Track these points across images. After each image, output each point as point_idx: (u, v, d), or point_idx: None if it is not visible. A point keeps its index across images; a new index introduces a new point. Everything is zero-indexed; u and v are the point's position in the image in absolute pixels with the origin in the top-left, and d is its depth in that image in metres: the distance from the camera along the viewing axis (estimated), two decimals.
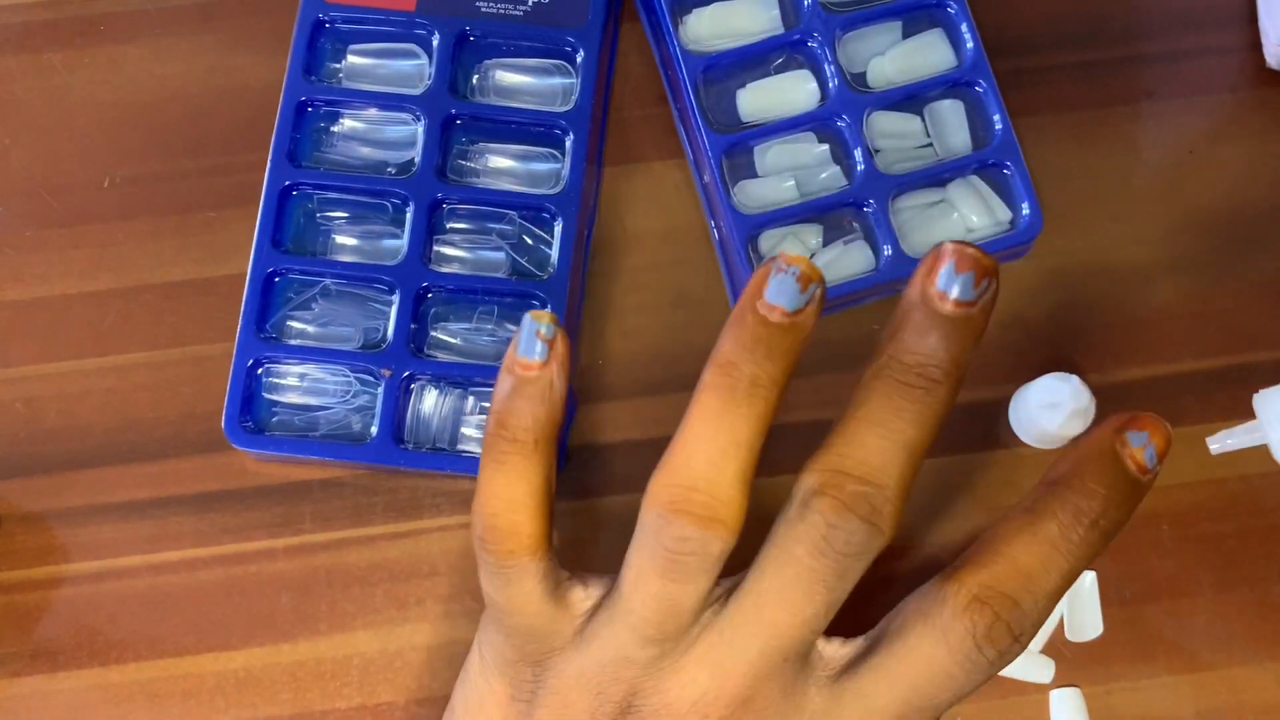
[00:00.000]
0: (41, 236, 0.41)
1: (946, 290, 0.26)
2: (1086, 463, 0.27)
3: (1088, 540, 0.27)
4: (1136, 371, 0.39)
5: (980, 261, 0.26)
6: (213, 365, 0.39)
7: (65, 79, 0.42)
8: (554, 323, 0.29)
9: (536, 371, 0.29)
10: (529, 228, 0.39)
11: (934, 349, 0.27)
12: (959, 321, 0.27)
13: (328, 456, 0.37)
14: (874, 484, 0.26)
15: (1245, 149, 0.41)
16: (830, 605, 0.27)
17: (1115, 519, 0.27)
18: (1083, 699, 0.36)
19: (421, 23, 0.40)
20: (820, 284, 0.28)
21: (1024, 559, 0.26)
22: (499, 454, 0.29)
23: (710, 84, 0.40)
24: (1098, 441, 0.27)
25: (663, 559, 0.27)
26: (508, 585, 0.29)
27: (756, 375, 0.27)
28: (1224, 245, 0.40)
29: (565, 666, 0.29)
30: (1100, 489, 0.27)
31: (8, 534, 0.38)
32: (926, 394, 0.27)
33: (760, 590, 0.27)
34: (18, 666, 0.37)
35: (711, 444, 0.27)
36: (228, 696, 0.37)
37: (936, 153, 0.39)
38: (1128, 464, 0.27)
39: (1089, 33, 0.42)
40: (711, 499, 0.27)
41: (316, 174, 0.39)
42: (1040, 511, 0.27)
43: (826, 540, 0.26)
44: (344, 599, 0.37)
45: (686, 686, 0.27)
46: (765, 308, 0.27)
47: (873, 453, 0.27)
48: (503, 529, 0.29)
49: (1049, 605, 0.27)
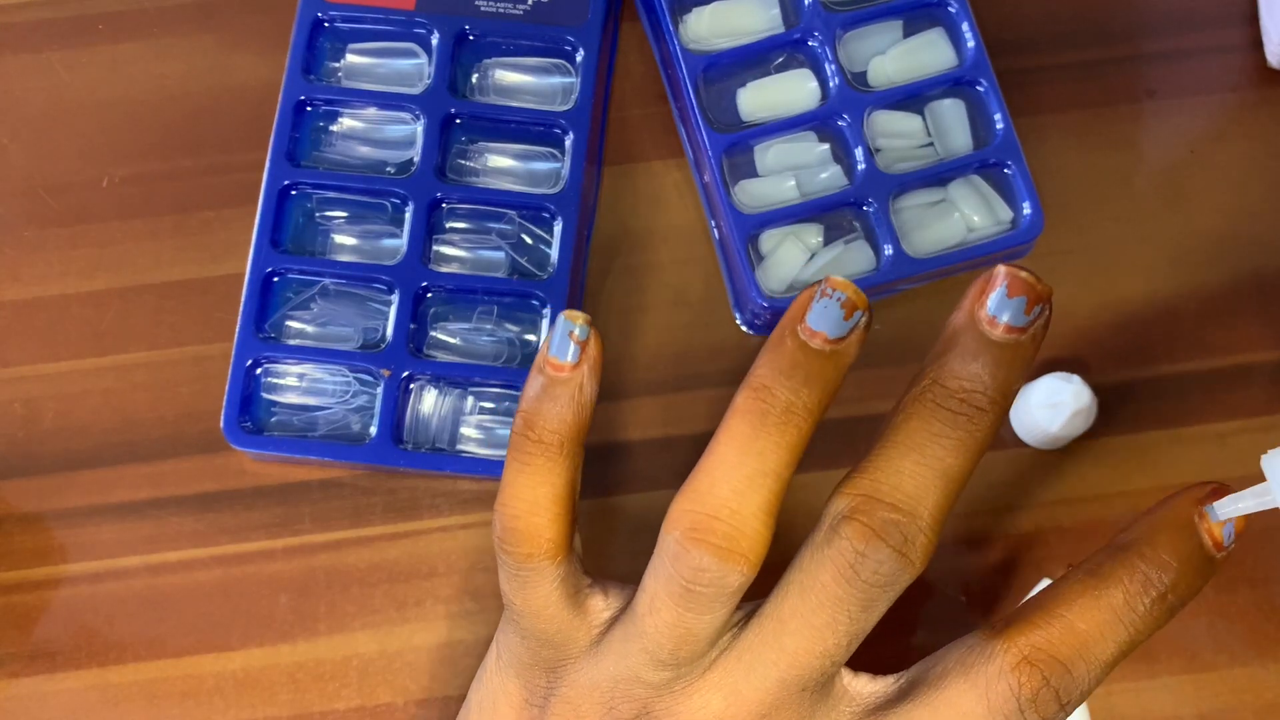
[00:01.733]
0: (40, 236, 0.40)
1: (997, 315, 0.25)
2: (1161, 532, 0.25)
3: (1152, 614, 0.25)
4: (1138, 372, 0.39)
5: (1034, 287, 0.25)
6: (211, 365, 0.39)
7: (64, 78, 0.42)
8: (588, 324, 0.28)
9: (567, 373, 0.28)
10: (529, 227, 0.39)
11: (980, 375, 0.25)
12: (1008, 348, 0.25)
13: (327, 457, 0.37)
14: (907, 512, 0.25)
15: (1246, 148, 0.41)
16: (853, 637, 0.26)
17: (1184, 595, 0.25)
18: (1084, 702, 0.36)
19: (421, 22, 0.40)
20: (867, 312, 0.27)
21: (1082, 625, 0.25)
22: (524, 455, 0.28)
23: (710, 83, 0.40)
24: (1175, 511, 0.26)
25: (679, 588, 0.26)
26: (525, 588, 0.29)
27: (791, 402, 0.26)
28: (1225, 245, 0.40)
29: (579, 676, 0.28)
30: (1174, 561, 0.25)
31: (6, 534, 0.38)
32: (970, 421, 0.25)
33: (781, 616, 0.26)
34: (16, 667, 0.37)
35: (738, 471, 0.26)
36: (226, 697, 0.37)
37: (937, 152, 0.39)
38: (1205, 539, 0.25)
39: (1090, 32, 0.42)
40: (733, 530, 0.26)
41: (315, 173, 0.39)
42: (1106, 577, 0.25)
43: (854, 568, 0.25)
44: (343, 600, 0.37)
45: (699, 711, 0.27)
46: (806, 333, 0.26)
47: (908, 479, 0.25)
48: (523, 531, 0.28)
49: (1101, 676, 0.25)
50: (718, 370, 0.39)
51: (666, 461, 0.38)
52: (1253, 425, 0.38)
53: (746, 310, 0.39)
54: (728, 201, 0.38)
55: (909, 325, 0.39)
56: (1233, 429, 0.38)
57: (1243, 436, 0.38)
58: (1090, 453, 0.38)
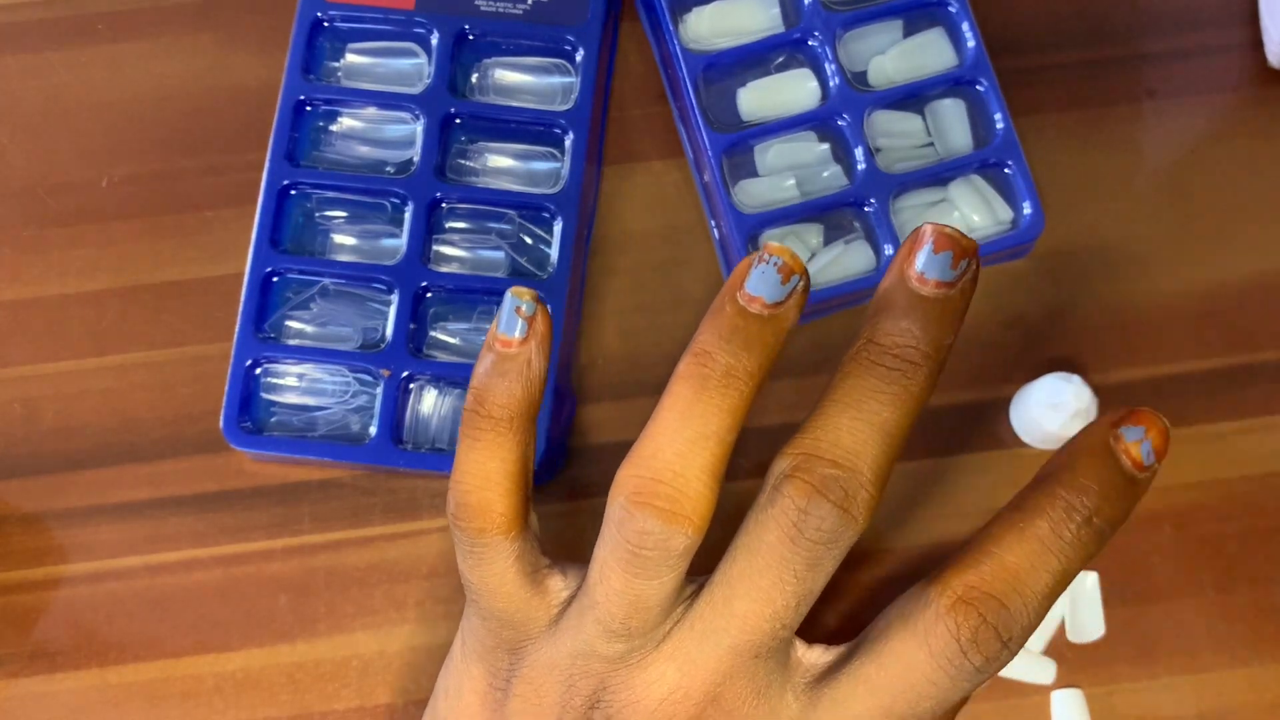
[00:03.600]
0: (39, 236, 0.40)
1: (925, 271, 0.26)
2: (1079, 458, 0.26)
3: (1080, 538, 0.25)
4: (1138, 372, 0.39)
5: (959, 242, 0.26)
6: (211, 365, 0.39)
7: (64, 78, 0.42)
8: (535, 299, 0.29)
9: (515, 349, 0.29)
10: (528, 227, 0.39)
11: (912, 330, 0.26)
12: (938, 303, 0.26)
13: (326, 457, 0.37)
14: (847, 468, 0.25)
15: (1247, 148, 0.41)
16: (801, 598, 0.26)
17: (1110, 516, 0.26)
18: (1084, 700, 0.36)
19: (420, 21, 0.40)
20: (803, 276, 0.27)
21: (1012, 558, 0.25)
22: (474, 431, 0.29)
23: (710, 83, 0.40)
24: (1091, 436, 0.26)
25: (625, 552, 0.26)
26: (480, 564, 0.29)
27: (732, 366, 0.26)
28: (1226, 244, 0.40)
29: (538, 656, 0.28)
30: (1094, 485, 0.25)
31: (5, 535, 0.38)
32: (904, 376, 0.26)
33: (730, 580, 0.27)
34: (16, 667, 0.37)
35: (680, 434, 0.26)
36: (226, 697, 0.37)
37: (937, 152, 0.39)
38: (1123, 459, 0.26)
39: (1090, 31, 0.42)
40: (676, 492, 0.26)
41: (315, 173, 0.39)
42: (1029, 509, 0.26)
43: (797, 526, 0.26)
44: (342, 600, 0.37)
45: (654, 683, 0.27)
46: (745, 298, 0.27)
47: (846, 435, 0.26)
48: (474, 505, 0.29)
49: (1041, 608, 0.25)
50: None
51: None
52: (1253, 425, 0.38)
53: None
54: (728, 201, 0.38)
55: None
56: (1233, 429, 0.38)
57: (1243, 436, 0.38)
58: None
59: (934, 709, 0.26)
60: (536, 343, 0.29)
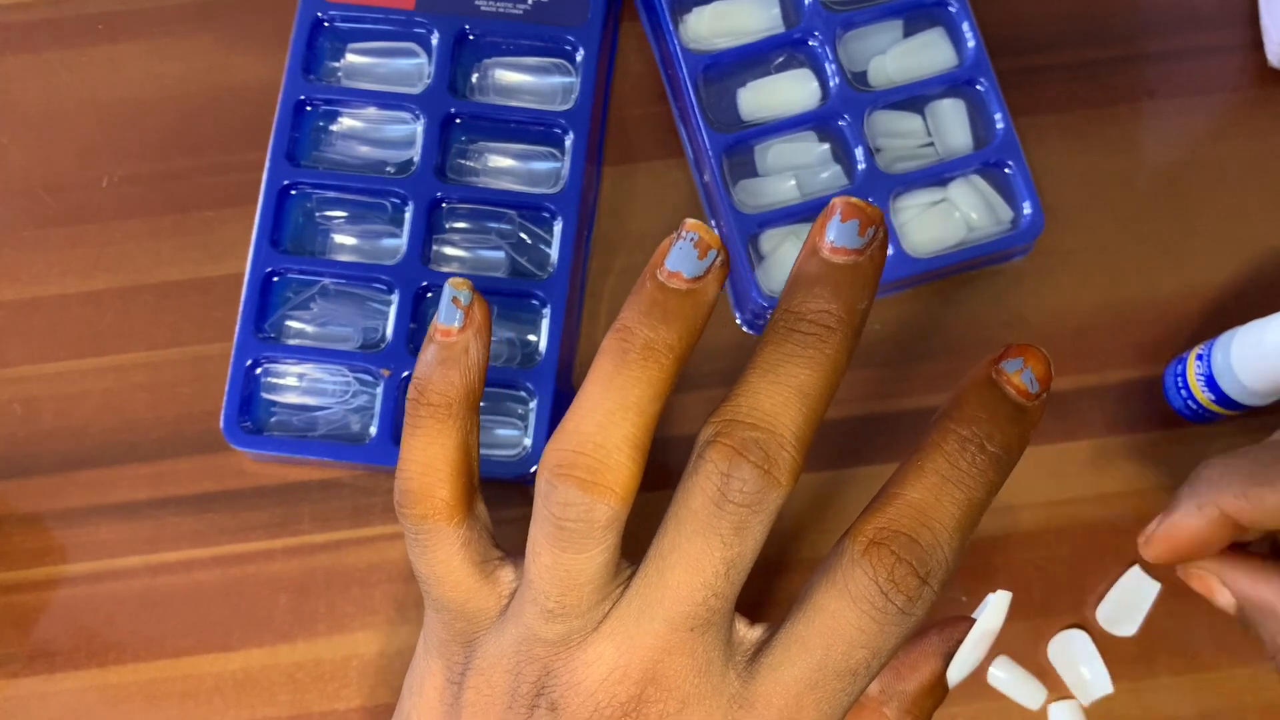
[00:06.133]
0: (39, 236, 0.40)
1: (834, 240, 0.27)
2: (964, 394, 0.27)
3: (977, 464, 0.26)
4: (1138, 371, 0.39)
5: (864, 210, 0.27)
6: (211, 365, 0.39)
7: (64, 78, 0.42)
8: (470, 289, 0.30)
9: (454, 337, 0.29)
10: (529, 227, 0.39)
11: (824, 295, 0.27)
12: (848, 269, 0.27)
13: (326, 457, 0.37)
14: (766, 430, 0.26)
15: (1247, 148, 0.41)
16: (730, 563, 0.26)
17: (1004, 443, 0.26)
18: (1081, 713, 0.36)
19: (421, 21, 0.40)
20: (721, 251, 0.28)
21: (915, 495, 0.26)
22: (415, 419, 0.29)
23: (711, 83, 0.40)
24: (973, 374, 0.27)
25: (551, 526, 0.27)
26: (425, 552, 0.29)
27: (651, 339, 0.27)
28: (1225, 245, 0.40)
29: (488, 646, 0.29)
30: (982, 414, 0.26)
31: (5, 535, 0.38)
32: (819, 340, 0.26)
33: (661, 552, 0.27)
34: (16, 667, 0.37)
35: (600, 406, 0.27)
36: (226, 697, 0.37)
37: (937, 152, 0.39)
38: (1007, 389, 0.26)
39: (1090, 32, 0.42)
40: (596, 463, 0.26)
41: (315, 173, 0.39)
42: (925, 447, 0.26)
43: (720, 490, 0.26)
44: (343, 600, 0.37)
45: (593, 664, 0.27)
46: (664, 274, 0.27)
47: (765, 399, 0.26)
48: (416, 492, 0.29)
49: (952, 539, 0.26)
50: (717, 370, 0.39)
51: (665, 462, 0.38)
52: (1252, 425, 0.38)
53: (747, 310, 0.39)
54: (728, 201, 0.38)
55: (909, 325, 0.39)
56: (1232, 429, 0.38)
57: (1242, 436, 0.38)
58: (1090, 453, 0.38)
59: (868, 659, 0.26)
60: (474, 331, 0.29)
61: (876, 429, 0.38)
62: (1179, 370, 0.38)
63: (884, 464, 0.37)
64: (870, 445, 0.38)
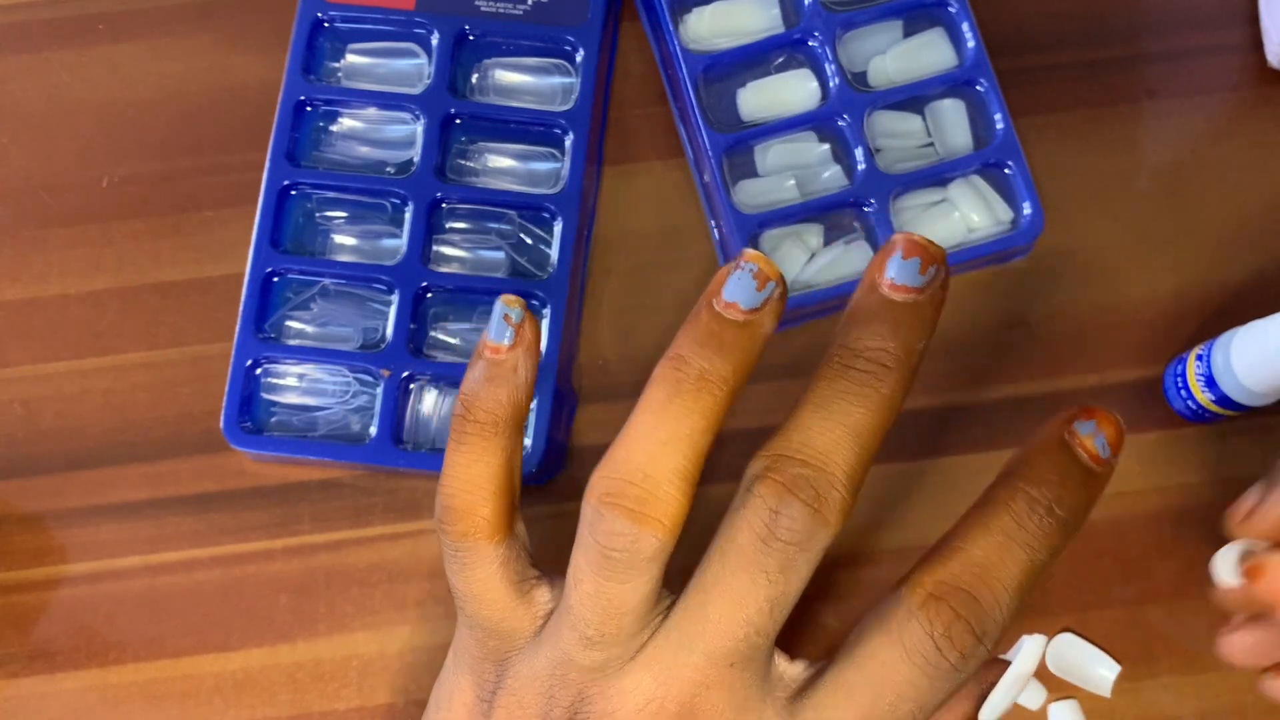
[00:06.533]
0: (39, 236, 0.40)
1: (895, 278, 0.26)
2: (1036, 453, 0.26)
3: (1044, 528, 0.25)
4: (1138, 372, 0.39)
5: (927, 249, 0.26)
6: (211, 365, 0.39)
7: (64, 78, 0.42)
8: (522, 308, 0.29)
9: (504, 355, 0.29)
10: (529, 227, 0.39)
11: (882, 333, 0.26)
12: (908, 308, 0.26)
13: (326, 457, 0.37)
14: (818, 468, 0.26)
15: (1247, 148, 0.41)
16: (774, 602, 0.26)
17: (1072, 507, 0.26)
18: (1080, 711, 0.36)
19: (421, 21, 0.40)
20: (779, 283, 0.27)
21: (979, 552, 0.25)
22: (460, 435, 0.29)
23: (710, 83, 0.40)
24: (1045, 433, 0.27)
25: (596, 555, 0.26)
26: (464, 569, 0.29)
27: (705, 370, 0.27)
28: (1225, 245, 0.40)
29: (521, 667, 0.28)
30: (1052, 476, 0.26)
31: (5, 535, 0.38)
32: (875, 378, 0.26)
33: (705, 586, 0.26)
34: (16, 668, 0.37)
35: (652, 436, 0.26)
36: (226, 697, 0.37)
37: (937, 152, 0.39)
38: (1079, 452, 0.26)
39: (1090, 32, 0.42)
40: (646, 494, 0.26)
41: (315, 173, 0.39)
42: (992, 503, 0.26)
43: (769, 527, 0.26)
44: (343, 600, 0.37)
45: (630, 693, 0.27)
46: (721, 304, 0.27)
47: (818, 436, 0.26)
48: (458, 509, 0.29)
49: (1012, 601, 0.25)
50: None
51: None
52: (1252, 425, 0.38)
53: None
54: (728, 201, 0.38)
55: None
56: (1232, 429, 0.38)
57: (1242, 436, 0.38)
58: None
59: (914, 711, 0.26)
60: (524, 349, 0.29)
61: None
62: (1179, 370, 0.38)
63: (883, 464, 0.37)
64: None
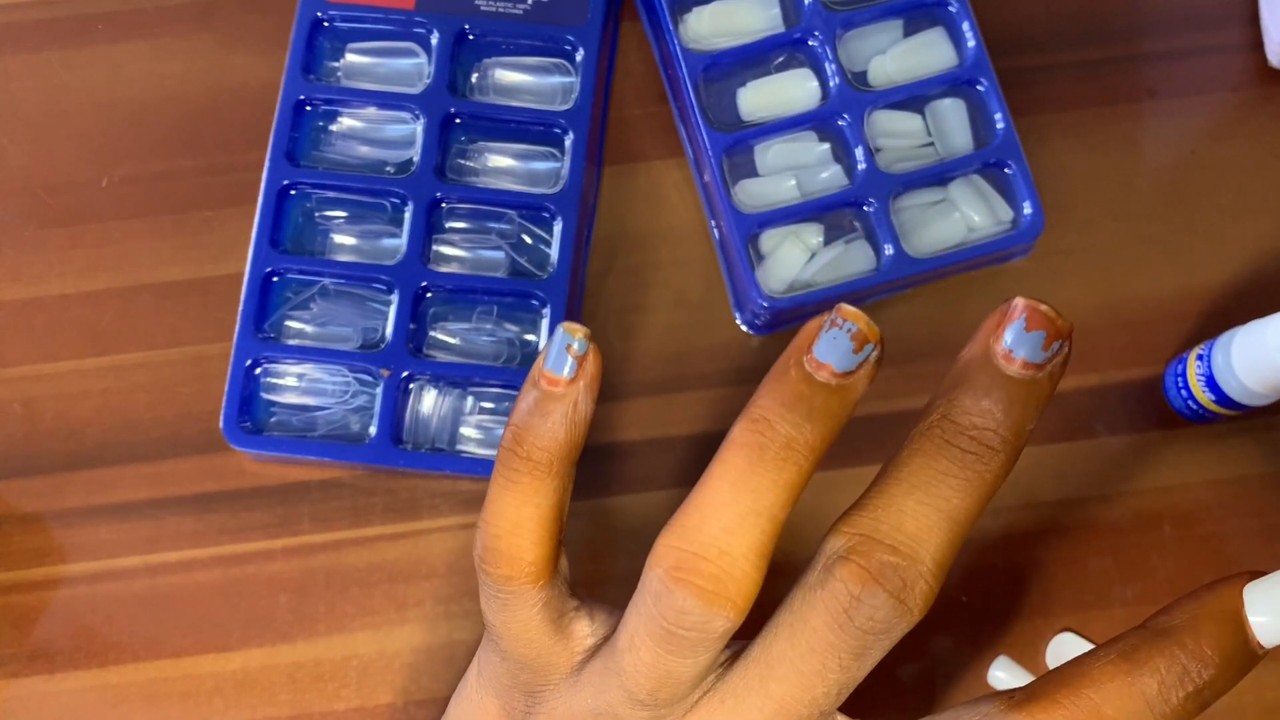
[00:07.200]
0: (39, 236, 0.40)
1: (1014, 350, 0.23)
2: (1205, 621, 0.23)
3: (1186, 708, 0.23)
4: (1138, 372, 0.39)
5: (1054, 321, 0.24)
6: (211, 365, 0.39)
7: (64, 78, 0.42)
8: (587, 338, 0.27)
9: (563, 388, 0.26)
10: (529, 227, 0.39)
11: (993, 412, 0.23)
12: (1024, 385, 0.23)
13: (326, 457, 0.37)
14: (907, 555, 0.23)
15: (1247, 148, 0.41)
16: (843, 686, 0.24)
17: (1219, 690, 0.23)
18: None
19: (421, 21, 0.40)
20: (878, 345, 0.25)
21: (1110, 711, 0.23)
22: (511, 471, 0.27)
23: (711, 82, 0.40)
24: (1222, 600, 0.23)
25: (660, 629, 0.25)
26: (504, 610, 0.27)
27: (792, 437, 0.24)
28: (1225, 245, 0.40)
29: (557, 704, 0.27)
30: (1216, 656, 0.23)
31: (6, 534, 0.38)
32: (979, 461, 0.23)
33: (769, 659, 0.25)
34: (15, 668, 0.37)
35: (730, 508, 0.24)
36: (226, 697, 0.37)
37: (938, 152, 0.39)
38: (1251, 633, 0.23)
39: (1091, 31, 0.42)
40: (721, 571, 0.24)
41: (315, 173, 0.39)
42: (1142, 663, 0.23)
43: (847, 613, 0.24)
44: (342, 600, 0.37)
45: None
46: (813, 364, 0.25)
47: (910, 520, 0.23)
48: (503, 551, 0.27)
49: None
50: (718, 370, 0.39)
51: (665, 462, 0.38)
52: (1252, 425, 0.38)
53: (747, 310, 0.39)
54: (728, 201, 0.38)
55: (909, 325, 0.39)
56: (1232, 429, 0.38)
57: (1242, 436, 0.38)
58: (1090, 453, 0.38)
59: None
60: (586, 384, 0.27)
61: (877, 429, 0.38)
62: (1179, 370, 0.37)
63: None
64: (870, 445, 0.38)
